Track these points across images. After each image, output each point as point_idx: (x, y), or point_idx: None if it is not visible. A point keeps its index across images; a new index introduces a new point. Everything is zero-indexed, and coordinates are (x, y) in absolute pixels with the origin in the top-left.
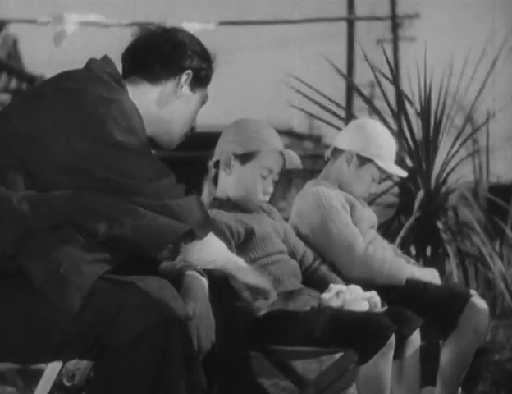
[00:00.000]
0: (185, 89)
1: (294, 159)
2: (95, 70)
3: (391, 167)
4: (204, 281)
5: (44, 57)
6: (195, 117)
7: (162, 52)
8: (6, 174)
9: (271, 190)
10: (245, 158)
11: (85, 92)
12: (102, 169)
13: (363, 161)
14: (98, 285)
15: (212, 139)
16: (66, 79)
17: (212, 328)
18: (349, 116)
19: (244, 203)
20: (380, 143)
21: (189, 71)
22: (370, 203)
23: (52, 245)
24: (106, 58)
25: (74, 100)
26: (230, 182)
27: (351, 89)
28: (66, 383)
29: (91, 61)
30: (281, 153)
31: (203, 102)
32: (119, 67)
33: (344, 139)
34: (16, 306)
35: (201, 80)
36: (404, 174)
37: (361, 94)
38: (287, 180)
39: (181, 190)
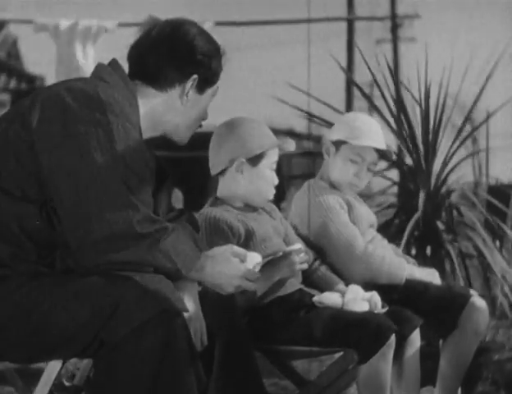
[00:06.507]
0: (192, 93)
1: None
2: (103, 77)
3: (366, 142)
4: (195, 283)
5: (44, 57)
6: (206, 110)
7: (167, 60)
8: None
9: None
10: (256, 159)
11: (76, 111)
12: (67, 183)
13: (338, 145)
14: (94, 280)
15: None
16: (67, 93)
17: (203, 330)
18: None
19: (256, 203)
20: (354, 125)
21: (195, 77)
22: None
23: None
24: (114, 63)
25: (65, 117)
26: (242, 184)
27: (350, 89)
28: (66, 383)
29: (99, 68)
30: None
31: (213, 95)
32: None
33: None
34: (13, 304)
35: (209, 80)
36: (383, 146)
37: (360, 90)
38: (287, 180)
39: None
